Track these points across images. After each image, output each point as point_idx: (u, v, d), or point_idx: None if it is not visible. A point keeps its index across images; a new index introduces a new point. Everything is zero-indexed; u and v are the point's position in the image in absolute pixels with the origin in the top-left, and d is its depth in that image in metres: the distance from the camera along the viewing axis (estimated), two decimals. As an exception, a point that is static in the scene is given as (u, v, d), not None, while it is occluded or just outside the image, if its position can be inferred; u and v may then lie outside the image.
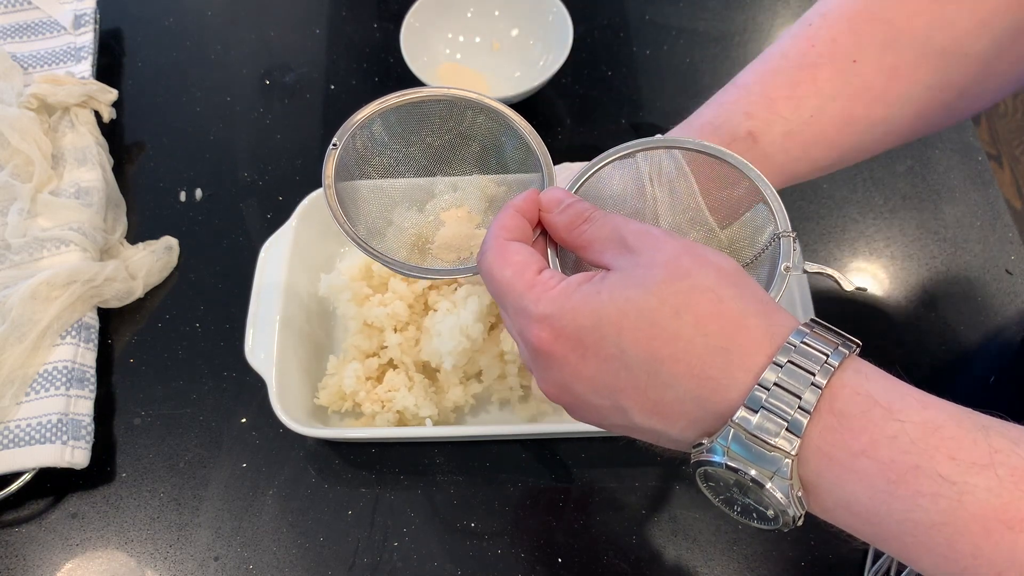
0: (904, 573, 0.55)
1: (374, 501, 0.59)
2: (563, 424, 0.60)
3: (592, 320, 0.34)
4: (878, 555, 0.56)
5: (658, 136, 0.45)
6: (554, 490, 0.60)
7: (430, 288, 0.60)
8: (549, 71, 0.74)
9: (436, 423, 0.59)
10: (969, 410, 0.31)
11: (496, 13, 0.81)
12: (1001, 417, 0.31)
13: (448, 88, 0.47)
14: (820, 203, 0.72)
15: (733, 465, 0.32)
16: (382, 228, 0.47)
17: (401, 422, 0.59)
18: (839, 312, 0.62)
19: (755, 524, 0.35)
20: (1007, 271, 0.68)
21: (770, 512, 0.34)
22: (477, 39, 0.81)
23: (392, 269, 0.44)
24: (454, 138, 0.49)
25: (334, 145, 0.45)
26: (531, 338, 0.36)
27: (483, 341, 0.58)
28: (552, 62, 0.75)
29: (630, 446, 0.61)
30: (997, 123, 1.71)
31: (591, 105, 0.79)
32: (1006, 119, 1.71)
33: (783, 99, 0.46)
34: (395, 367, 0.61)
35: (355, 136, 0.46)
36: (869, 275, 0.68)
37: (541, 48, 0.79)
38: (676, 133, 0.48)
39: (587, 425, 0.59)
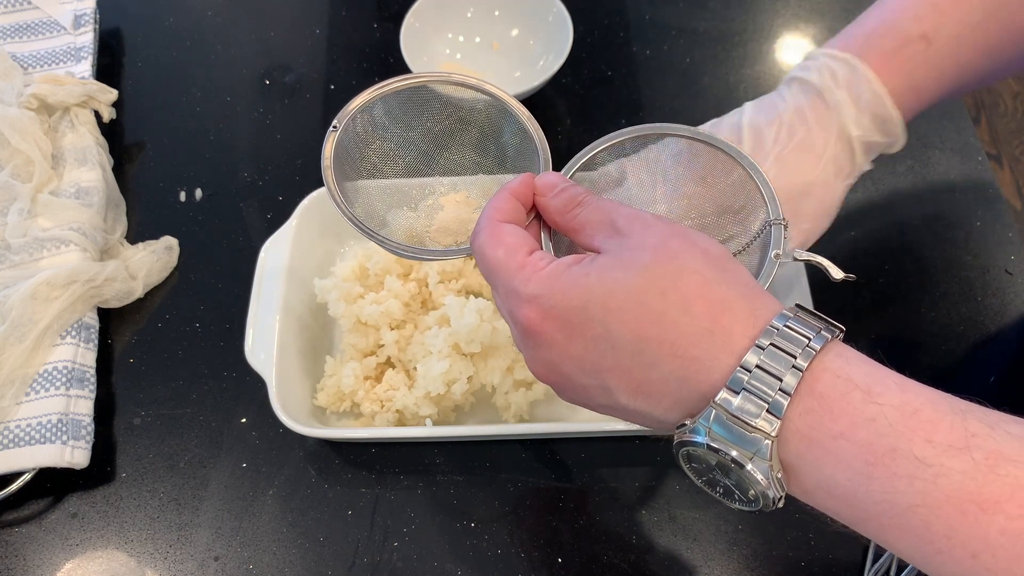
0: (904, 573, 0.55)
1: (374, 501, 0.59)
2: (563, 424, 0.60)
3: (580, 300, 0.35)
4: (878, 555, 0.56)
5: (653, 124, 0.46)
6: (554, 490, 0.60)
7: (439, 283, 0.60)
8: (549, 71, 0.74)
9: (436, 423, 0.59)
10: (947, 395, 0.32)
11: (496, 13, 0.81)
12: (979, 403, 0.31)
13: (449, 73, 0.48)
14: (820, 203, 0.72)
15: (715, 446, 0.33)
16: (381, 215, 0.48)
17: (401, 422, 0.59)
18: (839, 311, 0.62)
19: (736, 505, 0.36)
20: (1007, 271, 0.68)
21: (751, 493, 0.34)
22: (477, 39, 0.81)
23: (387, 249, 0.44)
24: (453, 123, 0.49)
25: (334, 127, 0.45)
26: (520, 318, 0.36)
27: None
28: (552, 62, 0.75)
29: (630, 446, 0.61)
30: (997, 123, 1.71)
31: (591, 105, 0.79)
32: (1006, 119, 1.71)
33: (950, 5, 0.48)
34: (393, 366, 0.61)
35: (355, 119, 0.46)
36: (868, 275, 0.68)
37: (541, 48, 0.79)
38: (840, 37, 0.51)
39: (587, 425, 0.60)
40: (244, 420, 0.63)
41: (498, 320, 0.57)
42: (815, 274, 0.60)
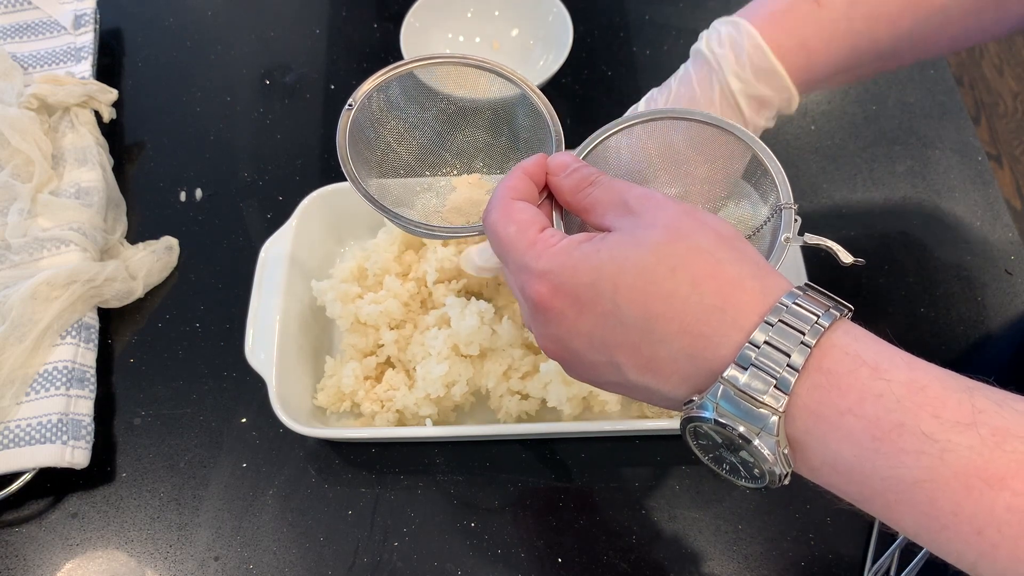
0: (904, 573, 0.55)
1: (374, 501, 0.59)
2: (563, 424, 0.60)
3: (590, 277, 0.35)
4: (878, 555, 0.56)
5: (667, 108, 0.46)
6: (554, 490, 0.60)
7: (438, 283, 0.60)
8: (549, 71, 0.74)
9: (436, 423, 0.59)
10: (955, 373, 0.32)
11: (496, 13, 0.81)
12: (987, 382, 0.32)
13: (464, 56, 0.48)
14: (820, 203, 0.72)
15: (722, 421, 0.33)
16: (395, 195, 0.48)
17: (401, 422, 0.59)
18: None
19: (743, 483, 0.36)
20: (1007, 271, 0.68)
21: (757, 470, 0.34)
22: (477, 39, 0.81)
23: (400, 225, 0.45)
24: (467, 104, 0.49)
25: (349, 106, 0.46)
26: (531, 293, 0.37)
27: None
28: (552, 62, 0.75)
29: (630, 446, 0.61)
30: (997, 123, 1.71)
31: (591, 105, 0.79)
32: (1006, 119, 1.71)
33: None
34: (393, 366, 0.61)
35: (370, 98, 0.46)
36: (868, 275, 0.68)
37: (541, 48, 0.79)
38: (743, 8, 0.51)
39: (587, 425, 0.60)
40: (244, 420, 0.63)
41: (498, 323, 0.57)
42: (814, 273, 0.60)
